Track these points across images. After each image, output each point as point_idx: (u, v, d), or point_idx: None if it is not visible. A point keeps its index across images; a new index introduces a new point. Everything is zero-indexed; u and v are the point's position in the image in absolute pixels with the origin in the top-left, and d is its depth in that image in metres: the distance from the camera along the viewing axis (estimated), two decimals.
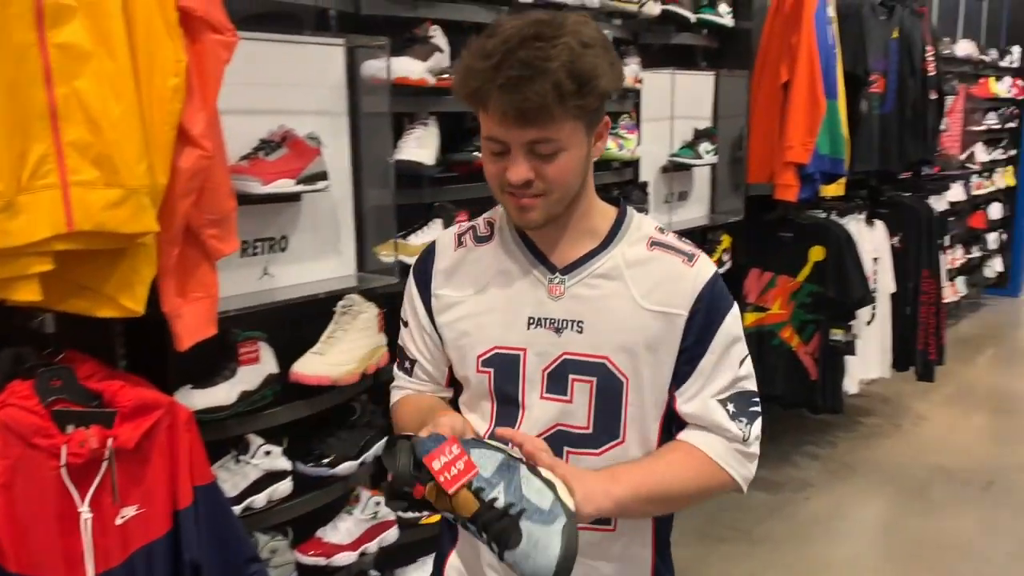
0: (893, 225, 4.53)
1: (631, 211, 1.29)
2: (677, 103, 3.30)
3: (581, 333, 1.20)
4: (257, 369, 2.06)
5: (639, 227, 1.26)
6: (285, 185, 2.04)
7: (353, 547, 2.31)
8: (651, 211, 3.28)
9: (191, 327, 1.66)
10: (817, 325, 3.96)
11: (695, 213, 3.74)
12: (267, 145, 2.05)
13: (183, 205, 1.57)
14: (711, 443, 1.23)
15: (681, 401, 1.23)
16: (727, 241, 3.85)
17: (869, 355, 4.38)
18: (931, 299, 4.63)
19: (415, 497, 1.04)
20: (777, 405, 4.29)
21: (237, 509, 1.94)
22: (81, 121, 1.41)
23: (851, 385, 4.25)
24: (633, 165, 3.23)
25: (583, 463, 1.20)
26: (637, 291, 1.20)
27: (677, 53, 3.59)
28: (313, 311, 2.25)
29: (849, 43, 3.95)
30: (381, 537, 2.38)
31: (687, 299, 1.20)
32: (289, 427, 2.19)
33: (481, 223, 1.33)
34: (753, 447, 1.25)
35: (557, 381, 1.21)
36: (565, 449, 1.22)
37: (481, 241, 1.29)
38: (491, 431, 1.24)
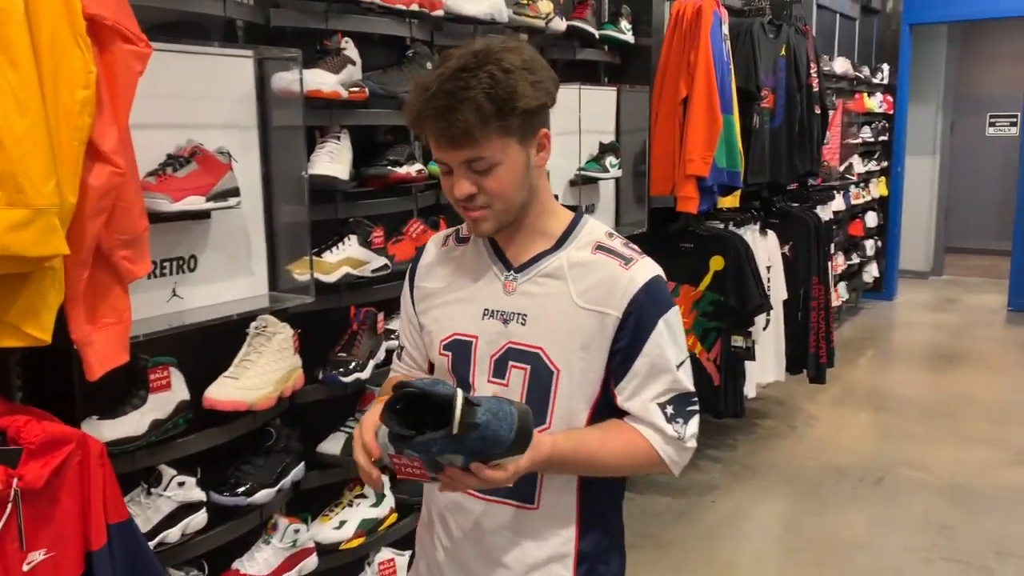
0: (784, 234, 4.71)
1: (585, 217, 1.41)
2: (584, 117, 3.34)
3: (524, 325, 1.32)
4: (168, 396, 1.96)
5: (590, 232, 1.38)
6: (195, 202, 1.95)
7: None
8: None
9: (102, 355, 1.56)
10: (719, 333, 4.08)
11: None
12: (175, 160, 1.96)
13: (94, 225, 1.48)
14: (650, 433, 1.34)
15: (621, 399, 1.33)
16: None
17: (765, 360, 4.55)
18: (821, 304, 4.85)
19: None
20: None
21: (151, 545, 1.84)
22: None
23: (750, 389, 4.40)
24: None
25: None
26: (575, 290, 1.32)
27: (582, 68, 3.64)
28: (224, 333, 2.16)
29: (741, 60, 4.11)
30: (301, 565, 2.30)
31: (621, 301, 1.30)
32: (201, 455, 2.09)
33: (464, 227, 1.46)
34: (690, 443, 1.36)
35: (500, 367, 1.34)
36: None
37: (461, 242, 1.45)
38: None
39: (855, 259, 7.40)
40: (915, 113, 8.76)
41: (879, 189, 8.08)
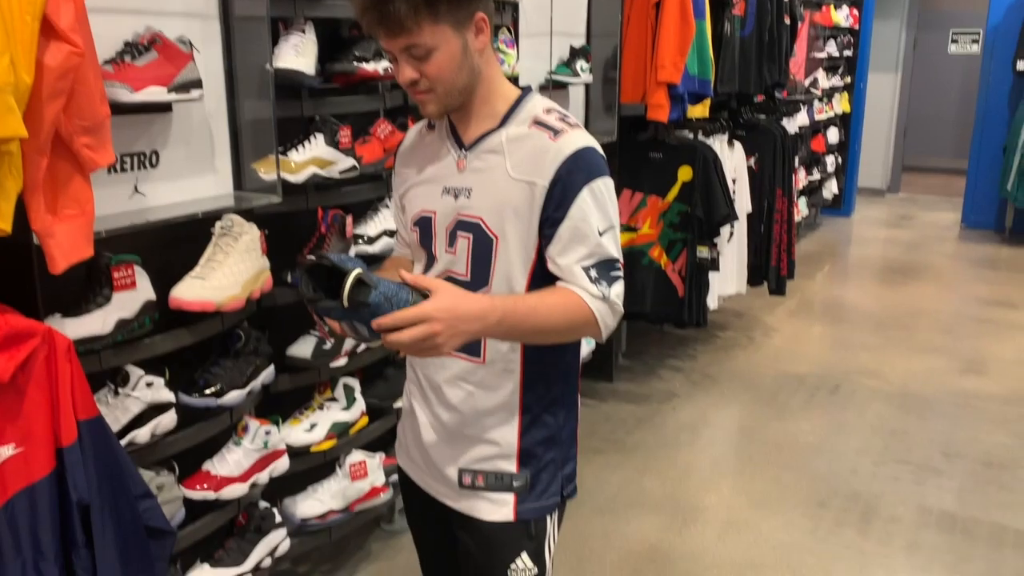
0: (750, 147, 4.70)
1: (530, 95, 1.47)
2: (555, 18, 3.25)
3: (469, 198, 1.43)
4: (133, 295, 1.90)
5: (531, 110, 1.45)
6: (157, 93, 1.86)
7: (243, 479, 2.22)
8: None
9: (65, 247, 1.50)
10: (684, 243, 4.09)
11: None
12: (133, 48, 1.85)
13: (52, 109, 1.39)
14: (579, 290, 1.41)
15: (551, 263, 1.42)
16: None
17: (727, 272, 4.59)
18: (784, 217, 4.88)
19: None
20: (645, 320, 4.44)
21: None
22: None
23: (712, 301, 4.45)
24: (514, 81, 3.15)
25: None
26: (510, 163, 1.41)
27: None
28: (188, 233, 2.10)
29: None
30: (272, 467, 2.30)
31: (548, 170, 1.37)
32: (170, 359, 2.05)
33: None
34: (616, 304, 1.42)
35: (452, 237, 1.46)
36: None
37: (431, 128, 1.55)
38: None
39: (816, 175, 7.43)
40: (879, 28, 8.72)
41: (842, 105, 8.08)
